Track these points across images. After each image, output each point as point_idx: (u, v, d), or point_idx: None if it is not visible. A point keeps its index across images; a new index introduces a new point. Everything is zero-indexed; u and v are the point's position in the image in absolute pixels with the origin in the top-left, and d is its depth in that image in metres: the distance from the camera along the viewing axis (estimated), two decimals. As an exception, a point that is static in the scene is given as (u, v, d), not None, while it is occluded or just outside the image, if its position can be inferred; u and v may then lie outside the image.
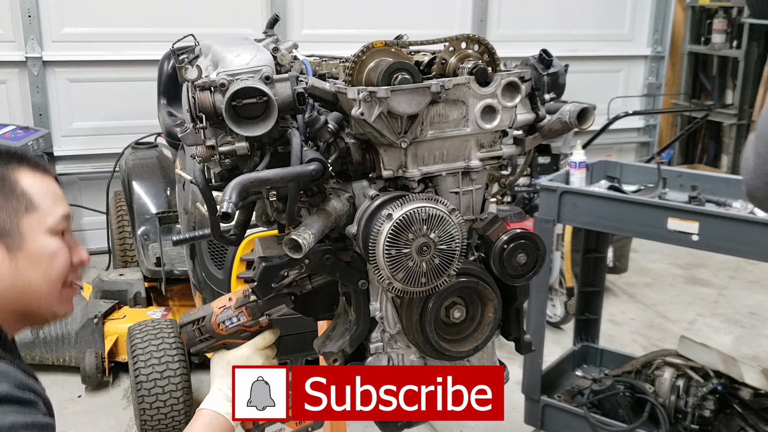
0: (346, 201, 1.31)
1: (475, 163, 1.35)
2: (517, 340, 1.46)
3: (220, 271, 2.94)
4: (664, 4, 6.62)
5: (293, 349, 3.10)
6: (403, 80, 1.22)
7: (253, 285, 1.34)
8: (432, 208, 1.22)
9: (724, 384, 2.88)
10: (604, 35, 6.47)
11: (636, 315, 4.58)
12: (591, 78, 6.25)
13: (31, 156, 1.31)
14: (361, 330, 1.37)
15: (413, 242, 1.21)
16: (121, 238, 4.49)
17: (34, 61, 4.87)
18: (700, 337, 3.83)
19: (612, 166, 3.17)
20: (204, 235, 2.75)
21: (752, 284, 5.10)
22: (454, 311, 1.33)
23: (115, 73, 5.09)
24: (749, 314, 4.62)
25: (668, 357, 3.06)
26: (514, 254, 1.33)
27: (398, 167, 1.31)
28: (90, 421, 3.29)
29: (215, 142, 1.27)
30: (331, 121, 1.31)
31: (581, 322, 3.49)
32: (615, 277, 4.92)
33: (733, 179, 3.01)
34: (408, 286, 1.23)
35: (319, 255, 1.31)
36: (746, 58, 6.21)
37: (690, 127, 6.02)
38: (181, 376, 3.00)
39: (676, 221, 2.55)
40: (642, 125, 6.90)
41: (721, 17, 6.41)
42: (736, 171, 6.35)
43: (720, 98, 6.75)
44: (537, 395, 3.06)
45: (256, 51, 1.30)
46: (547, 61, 1.43)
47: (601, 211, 2.75)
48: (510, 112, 1.34)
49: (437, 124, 1.30)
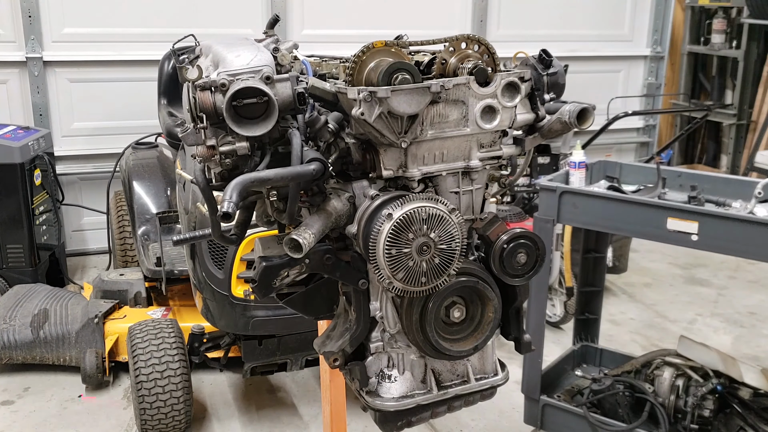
0: (346, 201, 1.31)
1: (475, 163, 1.35)
2: (516, 339, 1.46)
3: (220, 270, 2.94)
4: (663, 5, 6.62)
5: (293, 348, 3.11)
6: (404, 80, 1.22)
7: (254, 285, 1.34)
8: (432, 207, 1.23)
9: (724, 384, 2.88)
10: (604, 35, 6.48)
11: (635, 315, 4.58)
12: (591, 78, 6.25)
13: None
14: (361, 329, 1.37)
15: (413, 242, 1.22)
16: (121, 238, 4.49)
17: (34, 62, 4.87)
18: (700, 337, 3.84)
19: (611, 166, 3.18)
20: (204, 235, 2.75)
21: (752, 284, 5.10)
22: (454, 311, 1.34)
23: (115, 73, 5.09)
24: (749, 314, 4.62)
25: (668, 357, 3.06)
26: (513, 254, 1.33)
27: (398, 167, 1.31)
28: (90, 421, 3.29)
29: (216, 142, 1.27)
30: (332, 121, 1.32)
31: (581, 322, 3.49)
32: (614, 276, 4.93)
33: (733, 179, 3.01)
34: (408, 285, 1.24)
35: (319, 255, 1.32)
36: (746, 58, 6.22)
37: (689, 127, 6.02)
38: (181, 376, 3.00)
39: (676, 221, 2.56)
40: (641, 125, 6.91)
41: (720, 17, 6.42)
42: (735, 171, 6.36)
43: (719, 98, 6.76)
44: (536, 395, 3.06)
45: (257, 51, 1.30)
46: (547, 61, 1.43)
47: (600, 211, 2.75)
48: (510, 112, 1.35)
49: (437, 124, 1.30)
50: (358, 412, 2.96)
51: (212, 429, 3.29)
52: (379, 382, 1.41)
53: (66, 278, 4.72)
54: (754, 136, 6.24)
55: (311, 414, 3.41)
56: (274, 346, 3.08)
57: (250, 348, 3.08)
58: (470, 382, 1.45)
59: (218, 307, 2.97)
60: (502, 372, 1.49)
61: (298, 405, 3.50)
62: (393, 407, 1.39)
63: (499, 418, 3.35)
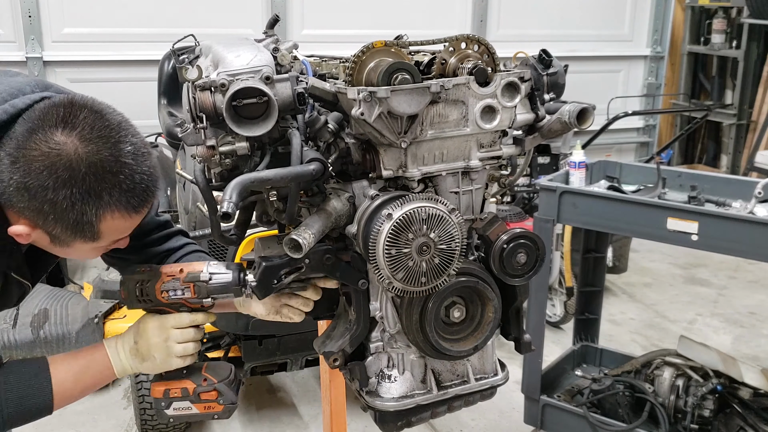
0: (346, 201, 1.31)
1: (474, 163, 1.35)
2: (516, 339, 1.46)
3: (220, 271, 2.93)
4: (663, 5, 6.62)
5: (293, 348, 3.11)
6: (403, 80, 1.22)
7: (254, 285, 1.34)
8: (432, 207, 1.23)
9: (724, 384, 2.88)
10: (604, 35, 6.48)
11: (635, 315, 4.58)
12: (591, 78, 6.25)
13: (139, 194, 1.23)
14: (361, 329, 1.37)
15: (413, 242, 1.22)
16: (121, 238, 4.49)
17: (34, 62, 4.87)
18: (700, 337, 3.84)
19: (611, 166, 3.18)
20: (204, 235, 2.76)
21: (752, 284, 5.10)
22: (454, 311, 1.34)
23: (115, 73, 5.09)
24: (749, 314, 4.62)
25: (668, 357, 3.06)
26: (513, 254, 1.33)
27: (398, 167, 1.31)
28: (90, 421, 3.29)
29: (215, 142, 1.27)
30: (332, 121, 1.32)
31: (581, 322, 3.49)
32: (614, 276, 4.93)
33: (733, 179, 3.02)
34: (408, 285, 1.24)
35: (319, 255, 1.32)
36: (746, 58, 6.22)
37: (689, 127, 6.03)
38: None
39: (676, 221, 2.56)
40: (641, 125, 6.91)
41: (720, 17, 6.42)
42: (735, 171, 6.36)
43: (719, 98, 6.76)
44: (537, 395, 3.06)
45: (257, 51, 1.30)
46: (547, 61, 1.43)
47: (600, 211, 2.75)
48: (510, 112, 1.35)
49: (437, 124, 1.30)
50: (358, 412, 2.96)
51: (212, 429, 3.30)
52: (379, 382, 1.41)
53: (66, 278, 4.72)
54: (754, 136, 6.24)
55: (311, 414, 3.41)
56: (274, 346, 3.08)
57: (250, 348, 3.08)
58: (470, 382, 1.44)
59: (218, 307, 2.96)
60: (502, 372, 1.49)
61: (298, 405, 3.50)
62: (393, 407, 1.39)
63: (499, 418, 3.35)
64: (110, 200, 1.19)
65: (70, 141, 1.17)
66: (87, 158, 1.17)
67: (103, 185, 1.18)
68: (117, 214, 1.22)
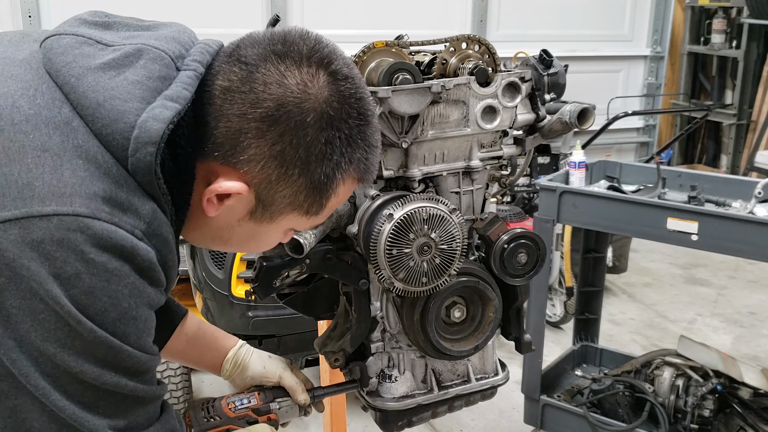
0: (346, 201, 1.31)
1: (475, 163, 1.36)
2: (517, 339, 1.46)
3: (220, 270, 2.94)
4: (663, 5, 6.62)
5: (294, 348, 3.11)
6: (404, 80, 1.22)
7: (254, 285, 1.34)
8: (433, 207, 1.23)
9: (724, 384, 2.88)
10: (604, 35, 6.48)
11: (635, 315, 4.58)
12: (591, 78, 6.25)
13: (373, 164, 0.98)
14: (362, 329, 1.37)
15: (414, 242, 1.22)
16: (121, 238, 4.49)
17: (34, 61, 4.87)
18: (700, 337, 3.84)
19: (611, 166, 3.18)
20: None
21: (752, 284, 5.11)
22: (454, 311, 1.34)
23: (115, 73, 5.08)
24: (748, 314, 4.63)
25: (668, 357, 3.06)
26: (514, 254, 1.33)
27: (399, 167, 1.31)
28: None
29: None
30: (332, 121, 1.32)
31: (581, 322, 3.49)
32: (614, 276, 4.93)
33: (733, 179, 3.02)
34: (409, 285, 1.24)
35: (320, 255, 1.32)
36: (746, 58, 6.22)
37: (689, 127, 6.03)
38: (181, 376, 3.00)
39: (676, 221, 2.56)
40: (641, 125, 6.91)
41: (720, 17, 6.42)
42: (735, 171, 6.36)
43: (719, 98, 6.76)
44: (537, 395, 3.06)
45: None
46: (548, 61, 1.43)
47: (600, 211, 2.75)
48: (510, 113, 1.35)
49: (438, 124, 1.30)
50: (358, 412, 2.96)
51: (212, 429, 3.30)
52: (380, 382, 1.41)
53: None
54: (754, 136, 6.24)
55: (311, 414, 3.41)
56: (274, 346, 3.08)
57: (250, 348, 3.08)
58: (471, 381, 1.45)
59: (218, 307, 2.97)
60: (503, 372, 1.49)
61: (298, 405, 3.50)
62: (394, 407, 1.39)
63: (499, 418, 3.35)
64: (360, 157, 0.93)
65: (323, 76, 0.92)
66: (346, 98, 0.91)
67: (361, 135, 0.92)
68: (349, 181, 0.95)
